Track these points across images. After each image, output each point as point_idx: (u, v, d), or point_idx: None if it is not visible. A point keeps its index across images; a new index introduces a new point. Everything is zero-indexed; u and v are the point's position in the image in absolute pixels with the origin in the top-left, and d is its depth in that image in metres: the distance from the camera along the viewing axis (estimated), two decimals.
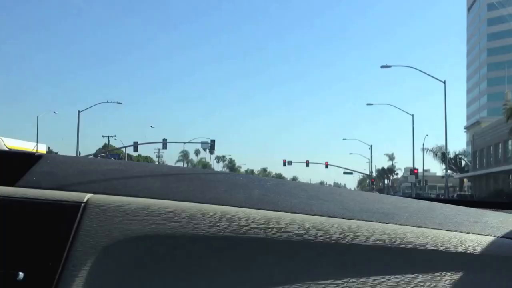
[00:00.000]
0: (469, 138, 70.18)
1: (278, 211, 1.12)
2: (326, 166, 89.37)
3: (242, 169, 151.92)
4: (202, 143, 67.75)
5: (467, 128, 73.38)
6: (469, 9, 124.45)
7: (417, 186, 76.42)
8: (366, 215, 1.16)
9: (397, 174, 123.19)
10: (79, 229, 1.01)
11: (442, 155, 63.83)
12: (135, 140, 68.49)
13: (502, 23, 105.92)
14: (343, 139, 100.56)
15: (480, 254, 1.08)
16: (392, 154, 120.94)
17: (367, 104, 62.26)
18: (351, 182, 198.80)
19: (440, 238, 1.11)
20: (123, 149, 72.21)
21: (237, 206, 1.11)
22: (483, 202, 2.22)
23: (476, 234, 1.14)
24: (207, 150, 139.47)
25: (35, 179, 1.16)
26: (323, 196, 1.27)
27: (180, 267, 1.02)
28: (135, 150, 71.62)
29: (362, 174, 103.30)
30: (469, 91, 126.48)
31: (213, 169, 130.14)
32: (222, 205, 1.11)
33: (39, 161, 1.24)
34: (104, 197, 1.08)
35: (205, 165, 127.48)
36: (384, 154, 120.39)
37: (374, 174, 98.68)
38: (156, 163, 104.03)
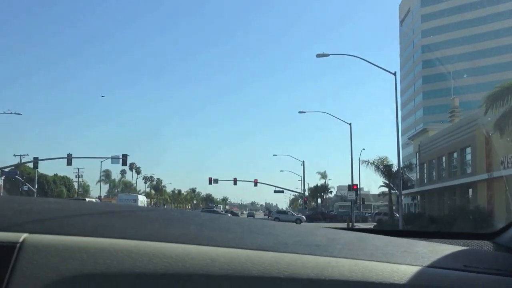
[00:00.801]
0: (414, 149, 60.53)
1: (213, 246, 1.13)
2: (256, 184, 79.53)
3: (168, 189, 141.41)
4: (112, 158, 58.44)
5: (412, 138, 63.61)
6: (401, 22, 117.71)
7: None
8: (300, 248, 1.18)
9: (331, 192, 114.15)
10: (15, 270, 0.99)
11: (385, 168, 53.79)
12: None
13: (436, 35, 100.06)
14: (273, 155, 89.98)
15: (411, 285, 1.11)
16: (325, 172, 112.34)
17: (299, 112, 53.14)
18: (282, 202, 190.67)
19: (372, 269, 1.13)
20: (30, 166, 64.12)
21: (173, 242, 1.12)
22: (411, 231, 2.03)
23: (407, 264, 1.17)
24: (133, 170, 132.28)
25: None
26: (257, 229, 1.29)
27: None
28: (35, 166, 63.24)
29: (294, 193, 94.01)
30: (403, 105, 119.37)
31: (137, 189, 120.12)
32: (158, 241, 1.12)
33: None
34: (40, 237, 1.07)
35: (127, 184, 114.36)
36: (317, 173, 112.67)
37: (306, 192, 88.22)
38: (75, 183, 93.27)
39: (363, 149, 78.01)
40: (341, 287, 1.08)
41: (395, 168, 54.81)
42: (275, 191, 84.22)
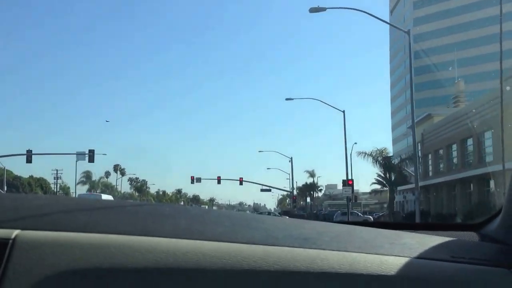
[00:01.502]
0: (416, 140, 53.09)
1: (204, 240, 1.13)
2: (241, 183, 72.31)
3: (152, 190, 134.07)
4: (78, 154, 51.78)
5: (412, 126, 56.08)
6: (391, 11, 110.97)
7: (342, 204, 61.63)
8: (289, 241, 1.18)
9: (321, 190, 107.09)
10: (8, 266, 0.98)
11: (384, 160, 46.60)
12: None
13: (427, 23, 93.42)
14: (259, 151, 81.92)
15: (399, 276, 1.11)
16: (313, 170, 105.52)
17: (286, 99, 46.43)
18: (270, 202, 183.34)
19: (360, 261, 1.13)
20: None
21: (164, 237, 1.11)
22: (399, 224, 2.07)
23: (395, 255, 1.17)
24: (118, 172, 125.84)
25: None
26: (247, 223, 1.30)
27: None
28: None
29: (282, 192, 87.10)
30: (393, 98, 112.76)
31: (117, 191, 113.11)
32: (150, 236, 1.11)
33: None
34: (32, 233, 1.06)
35: (107, 186, 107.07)
36: (305, 171, 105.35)
37: (295, 191, 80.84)
38: (52, 185, 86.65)
39: (355, 143, 70.88)
40: (331, 279, 1.09)
41: (394, 161, 48.40)
42: (261, 190, 77.39)
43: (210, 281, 1.05)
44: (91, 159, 49.21)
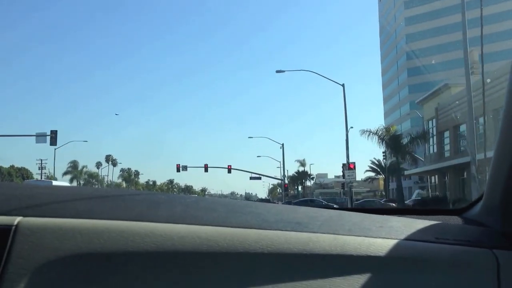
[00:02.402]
0: (426, 117, 45.16)
1: (199, 225, 1.15)
2: (229, 171, 65.00)
3: (141, 180, 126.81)
4: (37, 135, 43.35)
5: (422, 101, 48.06)
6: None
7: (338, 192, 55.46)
8: (282, 225, 1.20)
9: (313, 179, 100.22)
10: (11, 252, 1.00)
11: (391, 140, 39.53)
12: None
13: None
14: (249, 137, 74.43)
15: (387, 256, 1.17)
16: (304, 159, 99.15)
17: (277, 71, 40.26)
18: (261, 191, 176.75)
19: (350, 243, 1.17)
20: None
21: (161, 222, 1.13)
22: (386, 209, 2.09)
23: (383, 238, 1.22)
24: (109, 163, 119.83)
25: None
26: (241, 209, 1.30)
27: (112, 284, 1.02)
28: None
29: (274, 180, 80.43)
30: (385, 85, 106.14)
31: (106, 181, 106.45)
32: (148, 221, 1.13)
33: None
34: (33, 220, 1.07)
35: (93, 175, 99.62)
36: (295, 160, 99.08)
37: (286, 179, 73.82)
38: (37, 175, 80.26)
39: (351, 127, 63.83)
40: (322, 261, 1.13)
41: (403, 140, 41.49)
42: (251, 178, 70.23)
43: (207, 264, 1.07)
44: (54, 142, 41.88)
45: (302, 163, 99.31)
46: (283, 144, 68.97)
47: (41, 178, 79.90)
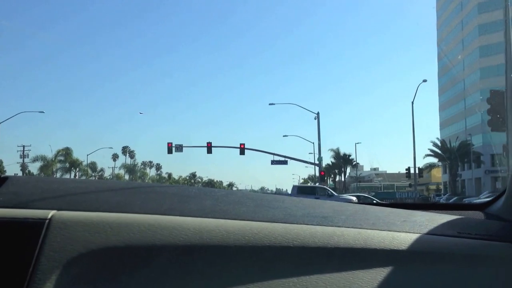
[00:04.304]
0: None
1: (228, 219, 1.15)
2: (242, 152, 45.76)
3: (152, 172, 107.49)
4: None
5: None
6: None
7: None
8: (308, 219, 1.20)
9: (355, 166, 77.69)
10: (44, 244, 1.00)
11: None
12: None
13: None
14: (270, 104, 51.75)
15: (410, 250, 1.16)
16: (338, 148, 76.45)
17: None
18: (291, 186, 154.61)
19: (374, 237, 1.17)
20: None
21: (190, 216, 1.14)
22: (410, 204, 2.41)
23: (406, 232, 1.22)
24: (127, 154, 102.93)
25: (1, 199, 1.12)
26: (268, 203, 1.31)
27: (141, 276, 1.03)
28: None
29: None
30: (441, 72, 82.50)
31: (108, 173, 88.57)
32: (177, 215, 1.13)
33: (4, 182, 1.23)
34: (67, 213, 1.08)
35: (75, 163, 79.01)
36: (329, 150, 76.58)
37: (323, 164, 51.45)
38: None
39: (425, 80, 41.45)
40: (346, 254, 1.12)
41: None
42: (273, 162, 48.84)
43: (235, 257, 1.07)
44: None
45: (337, 153, 77.58)
46: (318, 114, 47.09)
47: (24, 169, 66.03)
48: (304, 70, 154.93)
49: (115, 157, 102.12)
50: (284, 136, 60.23)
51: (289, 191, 40.68)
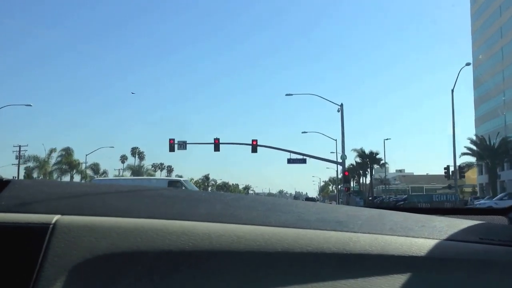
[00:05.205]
0: None
1: (238, 224, 1.11)
2: (255, 149, 39.35)
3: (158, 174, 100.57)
4: None
5: None
6: None
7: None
8: (322, 225, 1.15)
9: (383, 165, 69.57)
10: (48, 250, 0.98)
11: None
12: None
13: None
14: (287, 94, 44.29)
15: (428, 257, 1.10)
16: (361, 148, 68.83)
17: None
18: (311, 190, 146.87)
19: (392, 243, 1.11)
20: None
21: (199, 221, 1.10)
22: (429, 208, 2.17)
23: (425, 238, 1.16)
24: (136, 156, 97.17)
25: (3, 204, 1.10)
26: (280, 208, 1.27)
27: (148, 283, 0.99)
28: None
29: (327, 165, 51.73)
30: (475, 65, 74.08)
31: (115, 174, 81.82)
32: (185, 220, 1.10)
33: (6, 186, 1.19)
34: (71, 218, 1.05)
35: (72, 163, 71.71)
36: (352, 150, 72.73)
37: (346, 163, 44.16)
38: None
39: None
40: (362, 260, 1.07)
41: None
42: (289, 161, 42.06)
43: (245, 263, 1.03)
44: None
45: (361, 153, 69.83)
46: (341, 105, 39.52)
47: (18, 169, 60.00)
48: (324, 69, 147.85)
49: (123, 158, 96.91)
50: (303, 132, 52.51)
51: (310, 195, 33.11)
